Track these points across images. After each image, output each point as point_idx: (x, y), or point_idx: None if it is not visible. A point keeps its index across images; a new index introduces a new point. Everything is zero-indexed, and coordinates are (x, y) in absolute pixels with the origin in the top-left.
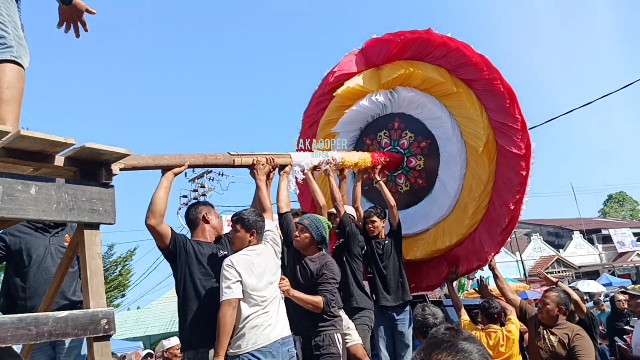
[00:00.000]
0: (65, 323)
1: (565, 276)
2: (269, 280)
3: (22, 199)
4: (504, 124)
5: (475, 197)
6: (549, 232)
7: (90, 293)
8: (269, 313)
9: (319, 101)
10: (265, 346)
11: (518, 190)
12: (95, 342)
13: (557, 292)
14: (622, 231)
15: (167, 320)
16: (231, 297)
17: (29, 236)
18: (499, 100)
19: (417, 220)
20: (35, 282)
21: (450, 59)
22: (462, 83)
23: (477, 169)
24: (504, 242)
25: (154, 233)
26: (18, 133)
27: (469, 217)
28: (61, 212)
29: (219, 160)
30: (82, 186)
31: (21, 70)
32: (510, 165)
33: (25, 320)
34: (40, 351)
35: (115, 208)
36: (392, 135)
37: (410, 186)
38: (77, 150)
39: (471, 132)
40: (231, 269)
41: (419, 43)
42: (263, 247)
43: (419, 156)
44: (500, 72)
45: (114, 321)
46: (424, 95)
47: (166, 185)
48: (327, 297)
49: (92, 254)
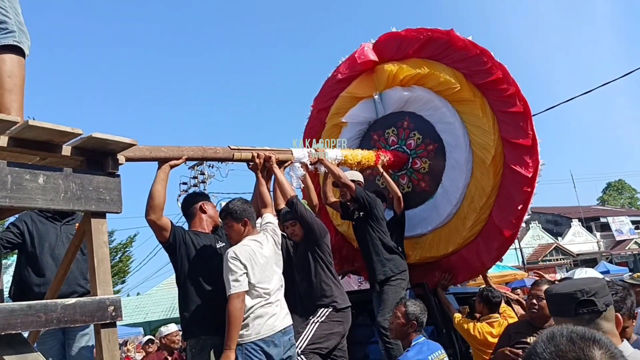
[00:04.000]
0: (73, 310)
1: (563, 264)
2: (272, 271)
3: (31, 188)
4: (515, 139)
5: (476, 209)
6: (548, 220)
7: (97, 281)
8: (272, 304)
9: (332, 89)
10: (269, 336)
11: (520, 208)
12: (102, 328)
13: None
14: (620, 219)
15: (167, 306)
16: (240, 290)
17: (41, 225)
18: (513, 115)
19: (416, 223)
20: (48, 269)
21: (469, 63)
22: (477, 90)
23: (482, 180)
24: (500, 257)
25: (154, 227)
26: (26, 123)
27: (467, 228)
28: (69, 201)
29: (219, 154)
30: (89, 175)
31: (21, 60)
32: (516, 181)
33: (34, 307)
34: (52, 337)
35: (121, 197)
36: (400, 134)
37: (412, 188)
38: (84, 140)
39: (480, 142)
40: (236, 261)
41: (439, 43)
42: (264, 238)
43: (425, 159)
44: (518, 84)
45: (121, 308)
46: (438, 98)
47: (163, 178)
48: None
49: (99, 242)
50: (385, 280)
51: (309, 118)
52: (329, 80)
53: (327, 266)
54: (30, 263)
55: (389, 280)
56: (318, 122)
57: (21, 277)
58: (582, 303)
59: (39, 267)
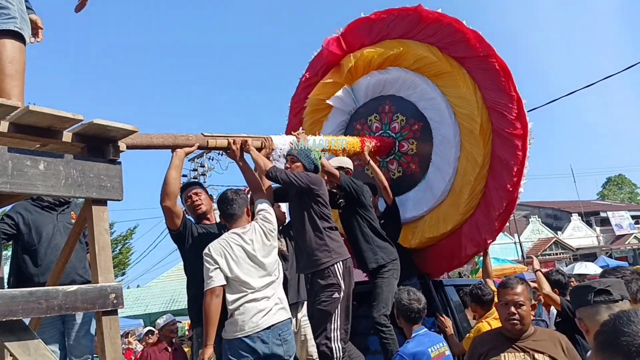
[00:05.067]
0: (74, 297)
1: (562, 258)
2: (255, 265)
3: (31, 174)
4: (499, 103)
5: (470, 181)
6: (548, 214)
7: (98, 268)
8: (258, 300)
9: (307, 85)
10: (255, 333)
11: (515, 172)
12: (104, 316)
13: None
14: (620, 214)
15: (167, 298)
16: (213, 286)
17: (36, 214)
18: (494, 78)
19: (411, 207)
20: (46, 259)
21: (442, 36)
22: (454, 61)
23: (472, 151)
24: (502, 228)
25: (168, 214)
26: (27, 108)
27: (464, 202)
28: (69, 188)
29: (191, 141)
30: (89, 162)
31: (22, 46)
32: (507, 146)
33: (35, 294)
34: (51, 326)
35: (122, 184)
36: (383, 118)
37: (403, 172)
38: (85, 126)
39: (465, 113)
40: (208, 257)
41: (409, 20)
42: (250, 229)
43: (411, 140)
44: (494, 48)
45: (122, 296)
46: (416, 75)
47: (177, 165)
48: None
49: (100, 229)
50: (377, 269)
51: (289, 118)
52: (304, 77)
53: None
54: (27, 253)
55: (381, 269)
56: (297, 121)
57: (19, 267)
58: (598, 292)
59: (36, 257)
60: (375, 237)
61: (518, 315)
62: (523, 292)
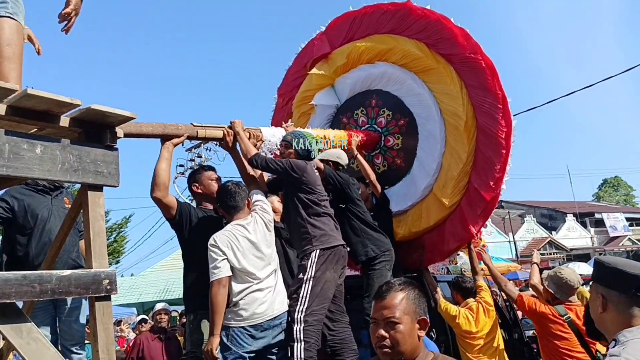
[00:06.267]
0: (68, 282)
1: (556, 258)
2: (259, 255)
3: (28, 157)
4: (485, 101)
5: (454, 177)
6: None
7: (93, 253)
8: (262, 290)
9: (294, 77)
10: (259, 323)
11: (498, 169)
12: (97, 301)
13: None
14: (615, 216)
15: (161, 288)
16: (221, 276)
17: (31, 198)
18: (480, 76)
19: (396, 201)
20: (41, 241)
21: (430, 32)
22: (442, 58)
23: (456, 147)
24: (484, 223)
25: (160, 205)
26: (25, 92)
27: (447, 197)
28: (66, 173)
29: (180, 131)
30: (86, 148)
31: (19, 26)
32: (491, 143)
33: (29, 277)
34: (43, 310)
35: (119, 171)
36: (370, 112)
37: (388, 166)
38: (83, 111)
39: (451, 109)
40: (215, 249)
41: (398, 16)
42: (252, 220)
43: (397, 135)
44: (480, 46)
45: (116, 282)
46: (403, 70)
47: (167, 157)
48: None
49: (95, 215)
50: (368, 261)
51: (275, 109)
52: (291, 69)
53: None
54: (23, 236)
55: (372, 261)
56: (285, 113)
57: (12, 250)
58: None
59: (31, 240)
60: (366, 228)
61: (389, 339)
62: (399, 305)
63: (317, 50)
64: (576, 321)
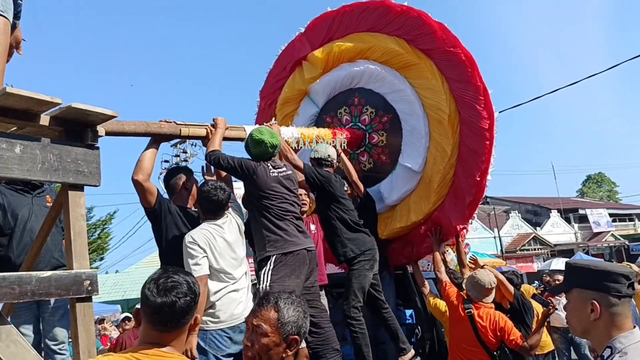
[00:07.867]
0: (48, 283)
1: (540, 254)
2: (234, 256)
3: (7, 157)
4: (467, 94)
5: (440, 170)
6: (528, 209)
7: (73, 254)
8: (238, 290)
9: (276, 80)
10: (237, 325)
11: (483, 160)
12: (77, 302)
13: None
14: (598, 211)
15: None
16: (202, 274)
17: (12, 197)
18: (460, 69)
19: (384, 197)
20: (22, 242)
21: (409, 28)
22: (422, 53)
23: (441, 141)
24: (472, 215)
25: (139, 189)
26: (4, 90)
27: (434, 191)
28: (46, 172)
29: (163, 129)
30: (67, 147)
31: (7, 23)
32: (474, 135)
33: (8, 279)
34: (25, 310)
35: (100, 170)
36: (353, 111)
37: (373, 163)
38: (63, 110)
39: (434, 103)
40: (194, 245)
41: (377, 13)
42: (227, 220)
43: (381, 132)
44: (459, 39)
45: (97, 283)
46: (384, 68)
47: (155, 146)
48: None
49: (76, 215)
50: (347, 261)
51: (258, 111)
52: (272, 71)
53: (261, 211)
54: (3, 236)
55: (352, 261)
56: (268, 115)
57: None
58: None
59: (12, 240)
60: (345, 229)
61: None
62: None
63: (298, 51)
64: (476, 317)
